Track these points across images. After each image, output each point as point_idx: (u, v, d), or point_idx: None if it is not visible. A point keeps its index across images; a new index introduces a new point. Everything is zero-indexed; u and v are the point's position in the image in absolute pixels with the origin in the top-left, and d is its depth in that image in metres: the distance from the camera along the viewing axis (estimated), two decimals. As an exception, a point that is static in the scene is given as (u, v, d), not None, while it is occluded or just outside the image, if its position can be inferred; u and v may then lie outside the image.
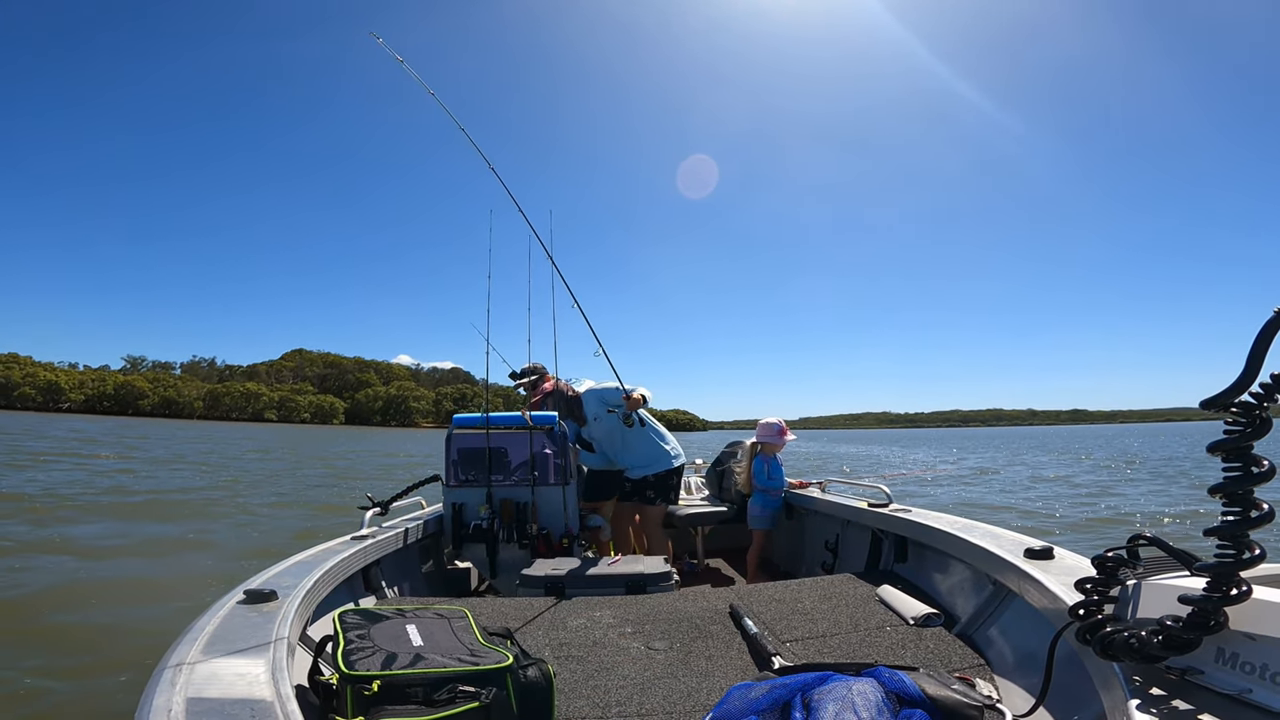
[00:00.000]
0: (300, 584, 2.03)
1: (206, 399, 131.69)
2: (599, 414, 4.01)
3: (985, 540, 2.32)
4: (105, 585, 5.37)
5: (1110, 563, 1.56)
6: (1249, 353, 1.14)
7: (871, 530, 3.25)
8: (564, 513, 3.70)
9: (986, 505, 11.83)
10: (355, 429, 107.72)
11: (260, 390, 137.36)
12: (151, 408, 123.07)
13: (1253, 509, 1.17)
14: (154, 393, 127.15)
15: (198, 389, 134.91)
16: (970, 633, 2.17)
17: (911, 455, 34.77)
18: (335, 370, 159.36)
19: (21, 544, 6.81)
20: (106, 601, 4.88)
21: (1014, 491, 14.76)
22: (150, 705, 1.21)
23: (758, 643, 2.09)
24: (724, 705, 1.40)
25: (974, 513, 9.87)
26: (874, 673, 1.41)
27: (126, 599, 5.00)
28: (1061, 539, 7.28)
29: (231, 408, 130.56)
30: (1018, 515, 10.71)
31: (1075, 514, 10.82)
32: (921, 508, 3.11)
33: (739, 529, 4.62)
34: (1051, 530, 9.25)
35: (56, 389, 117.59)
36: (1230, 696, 1.17)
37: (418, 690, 1.42)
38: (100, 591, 5.15)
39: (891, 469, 22.83)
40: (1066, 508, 11.55)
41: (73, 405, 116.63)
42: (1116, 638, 1.31)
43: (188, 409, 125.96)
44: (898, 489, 12.35)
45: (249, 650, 1.47)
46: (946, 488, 15.77)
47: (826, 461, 27.16)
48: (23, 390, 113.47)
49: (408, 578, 3.26)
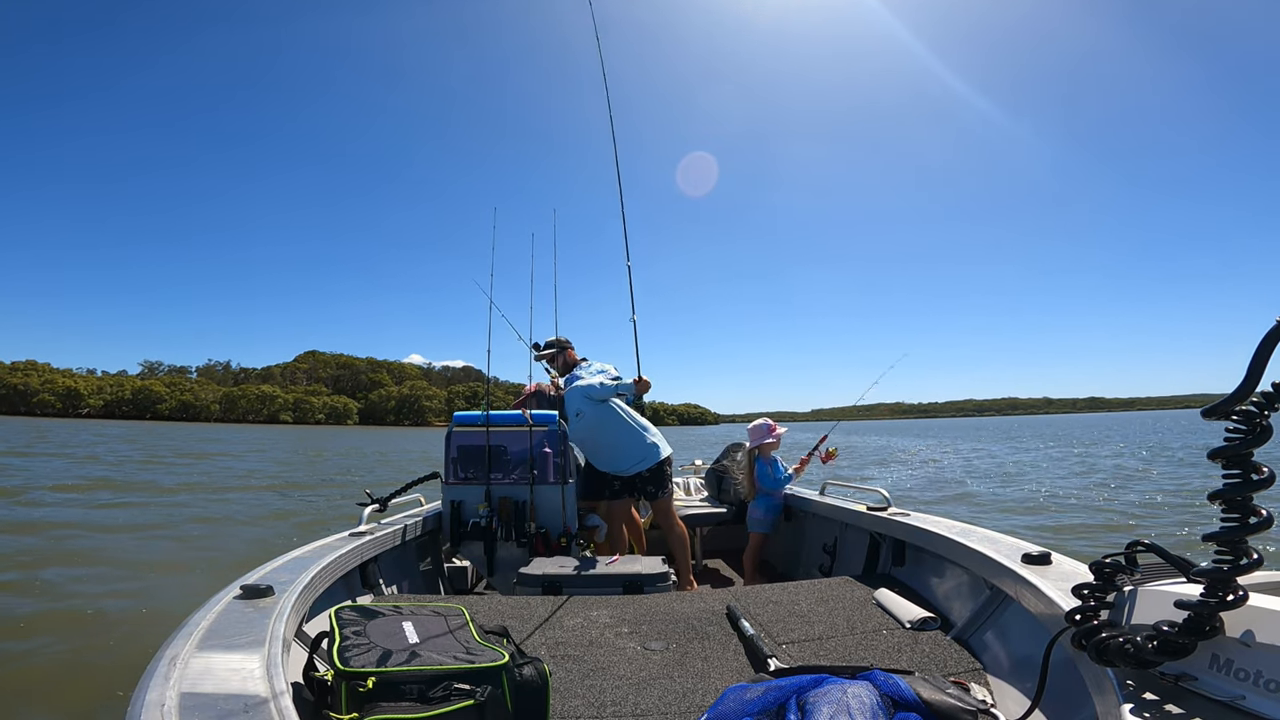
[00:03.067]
0: (297, 580, 2.03)
1: (223, 402, 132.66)
2: (581, 409, 3.85)
3: (983, 545, 2.32)
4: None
5: (1108, 569, 1.56)
6: (1250, 362, 1.14)
7: (869, 533, 3.25)
8: (562, 512, 3.70)
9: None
10: (370, 429, 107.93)
11: (275, 392, 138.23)
12: (169, 411, 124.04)
13: (1251, 515, 1.17)
14: (171, 396, 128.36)
15: (214, 392, 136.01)
16: (966, 637, 2.17)
17: (921, 445, 35.49)
18: (348, 371, 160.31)
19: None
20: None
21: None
22: (144, 699, 1.20)
23: (754, 644, 2.09)
24: (719, 706, 1.40)
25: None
26: (869, 676, 1.41)
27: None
28: (1059, 539, 7.32)
29: (247, 410, 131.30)
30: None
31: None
32: (920, 511, 3.11)
33: (737, 530, 4.62)
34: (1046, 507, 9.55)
35: (75, 395, 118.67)
36: (1224, 703, 1.17)
37: (413, 687, 1.42)
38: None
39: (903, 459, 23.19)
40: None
41: (92, 410, 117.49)
42: (1111, 643, 1.31)
43: (204, 412, 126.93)
44: (899, 490, 12.50)
45: (244, 645, 1.47)
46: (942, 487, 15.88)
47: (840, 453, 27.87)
48: (42, 396, 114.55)
49: (405, 575, 3.26)
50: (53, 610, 4.55)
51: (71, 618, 4.39)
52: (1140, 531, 7.85)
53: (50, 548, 6.69)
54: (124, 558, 6.32)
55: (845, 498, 3.86)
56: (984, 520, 7.88)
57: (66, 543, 6.95)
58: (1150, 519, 9.09)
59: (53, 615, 4.45)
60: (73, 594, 4.96)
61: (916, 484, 15.10)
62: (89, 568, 5.83)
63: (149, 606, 4.69)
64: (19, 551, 6.43)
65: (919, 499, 11.88)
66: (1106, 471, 16.62)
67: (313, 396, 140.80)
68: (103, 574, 5.66)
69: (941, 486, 14.45)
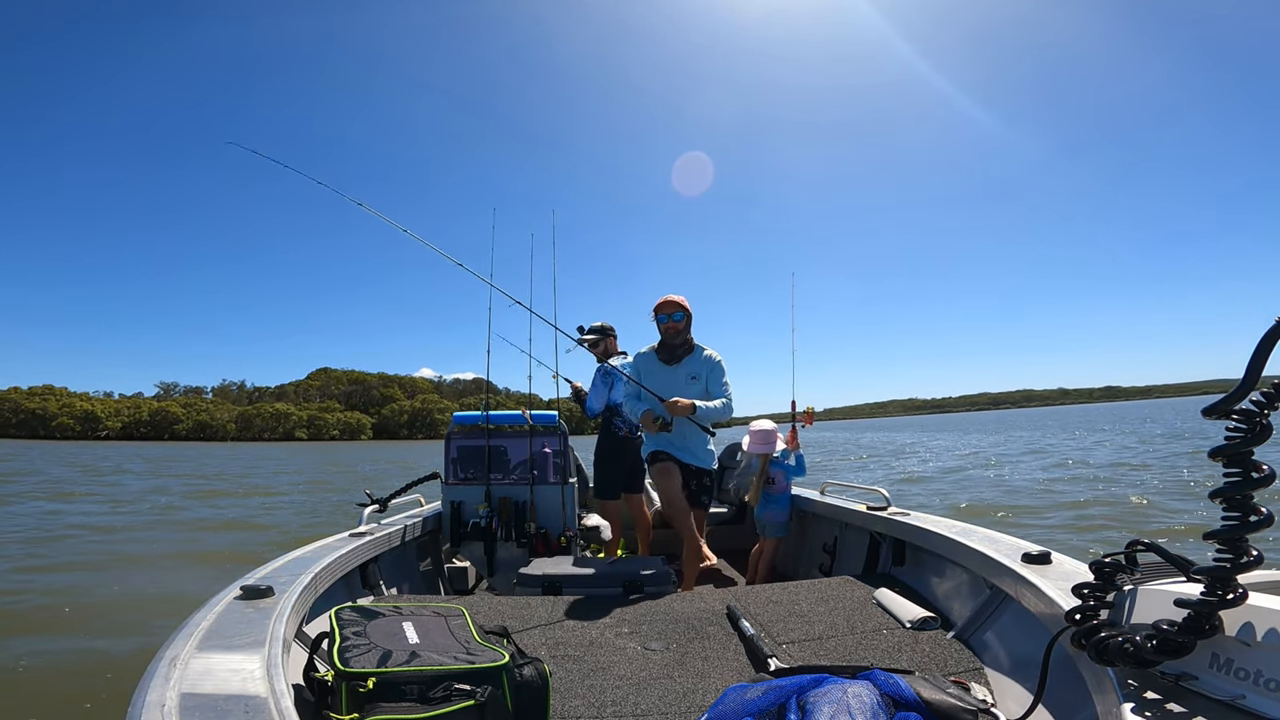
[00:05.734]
0: (297, 580, 2.03)
1: (238, 421, 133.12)
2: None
3: (983, 544, 2.32)
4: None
5: (1108, 568, 1.56)
6: (1249, 361, 1.14)
7: (869, 533, 3.25)
8: (562, 512, 3.70)
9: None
10: (384, 443, 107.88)
11: (290, 410, 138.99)
12: (186, 432, 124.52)
13: (1251, 514, 1.17)
14: (188, 417, 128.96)
15: (229, 411, 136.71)
16: (966, 637, 2.17)
17: (935, 441, 34.54)
18: (360, 387, 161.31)
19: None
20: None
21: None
22: (144, 700, 1.20)
23: (754, 644, 2.09)
24: (719, 706, 1.40)
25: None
26: (870, 675, 1.41)
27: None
28: (1060, 541, 7.15)
29: (263, 428, 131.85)
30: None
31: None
32: (920, 511, 3.11)
33: (738, 530, 4.61)
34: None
35: (93, 418, 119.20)
36: (1224, 703, 1.17)
37: (413, 688, 1.42)
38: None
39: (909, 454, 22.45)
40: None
41: (110, 433, 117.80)
42: (1111, 642, 1.31)
43: (221, 432, 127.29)
44: (898, 489, 12.26)
45: (244, 646, 1.47)
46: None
47: (849, 452, 27.17)
48: (61, 420, 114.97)
49: (405, 575, 3.26)
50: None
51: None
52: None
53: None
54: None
55: (845, 497, 3.85)
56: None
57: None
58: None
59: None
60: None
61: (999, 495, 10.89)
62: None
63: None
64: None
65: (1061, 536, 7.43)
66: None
67: (326, 413, 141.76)
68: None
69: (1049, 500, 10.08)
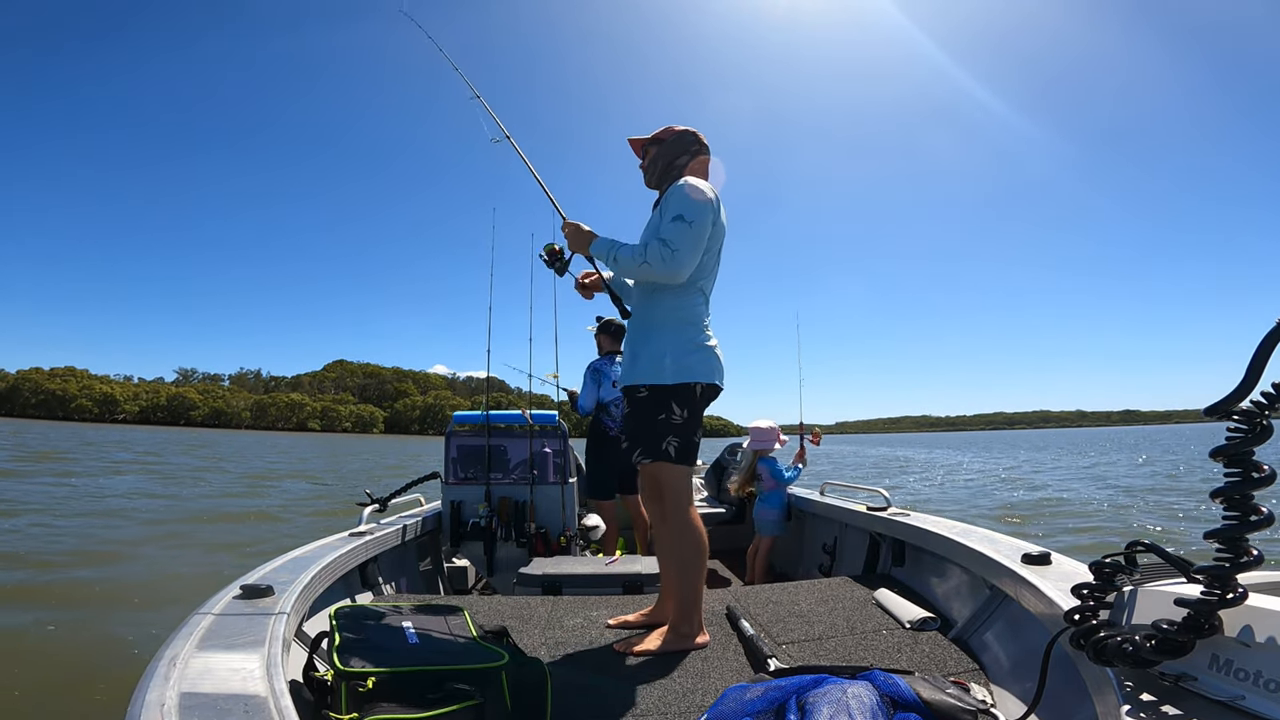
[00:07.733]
0: (297, 580, 2.03)
1: (254, 409, 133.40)
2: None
3: (983, 545, 2.32)
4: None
5: (1108, 569, 1.55)
6: (1250, 361, 1.14)
7: (869, 534, 3.25)
8: (562, 512, 3.70)
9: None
10: (395, 437, 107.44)
11: (304, 401, 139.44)
12: (202, 418, 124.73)
13: (1251, 513, 1.17)
14: (204, 404, 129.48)
15: (245, 400, 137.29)
16: (966, 637, 2.17)
17: (948, 458, 33.90)
18: (375, 380, 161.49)
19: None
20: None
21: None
22: (144, 699, 1.20)
23: (754, 644, 2.09)
24: (719, 706, 1.40)
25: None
26: (869, 676, 1.41)
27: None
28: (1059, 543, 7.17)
29: (277, 418, 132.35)
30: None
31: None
32: (921, 511, 3.11)
33: (737, 530, 4.61)
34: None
35: (112, 401, 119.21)
36: (1223, 703, 1.17)
37: (413, 687, 1.42)
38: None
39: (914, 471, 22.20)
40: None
41: (127, 416, 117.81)
42: (1110, 643, 1.31)
43: (236, 419, 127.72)
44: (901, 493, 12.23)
45: (244, 645, 1.46)
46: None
47: (859, 464, 27.04)
48: (79, 402, 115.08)
49: (405, 575, 3.26)
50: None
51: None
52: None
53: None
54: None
55: (845, 498, 3.85)
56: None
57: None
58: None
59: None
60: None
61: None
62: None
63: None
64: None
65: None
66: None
67: (340, 405, 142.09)
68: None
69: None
